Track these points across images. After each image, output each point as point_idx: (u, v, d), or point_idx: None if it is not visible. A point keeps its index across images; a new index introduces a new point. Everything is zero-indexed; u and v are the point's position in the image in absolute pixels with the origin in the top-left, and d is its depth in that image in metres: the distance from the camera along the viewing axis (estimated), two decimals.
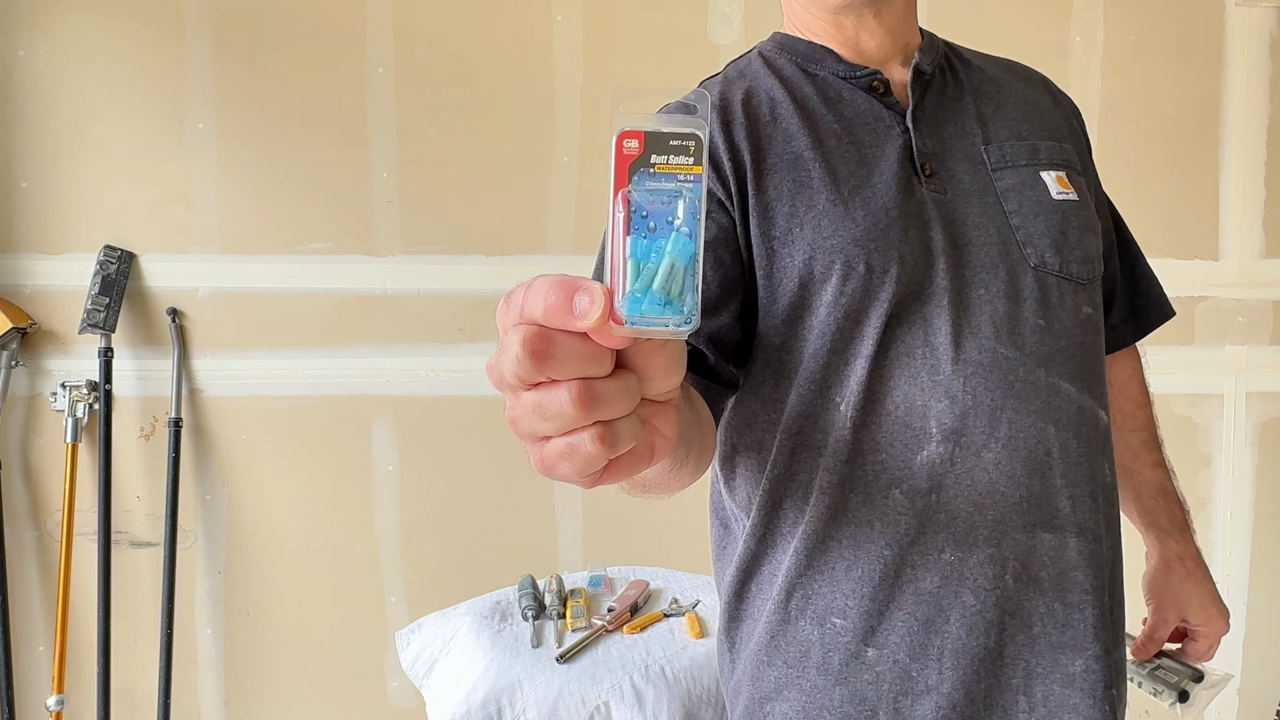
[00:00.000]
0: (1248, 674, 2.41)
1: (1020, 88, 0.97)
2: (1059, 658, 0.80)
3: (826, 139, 0.86)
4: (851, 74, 0.90)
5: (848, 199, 0.83)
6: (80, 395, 2.22)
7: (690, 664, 1.23)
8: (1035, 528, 0.80)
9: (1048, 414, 0.80)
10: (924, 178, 0.86)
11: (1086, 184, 0.94)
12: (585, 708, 1.17)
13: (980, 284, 0.82)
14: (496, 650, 1.28)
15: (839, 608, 0.81)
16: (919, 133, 0.87)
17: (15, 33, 2.18)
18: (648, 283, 0.42)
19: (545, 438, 0.47)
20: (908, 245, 0.82)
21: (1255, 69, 2.29)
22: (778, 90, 0.90)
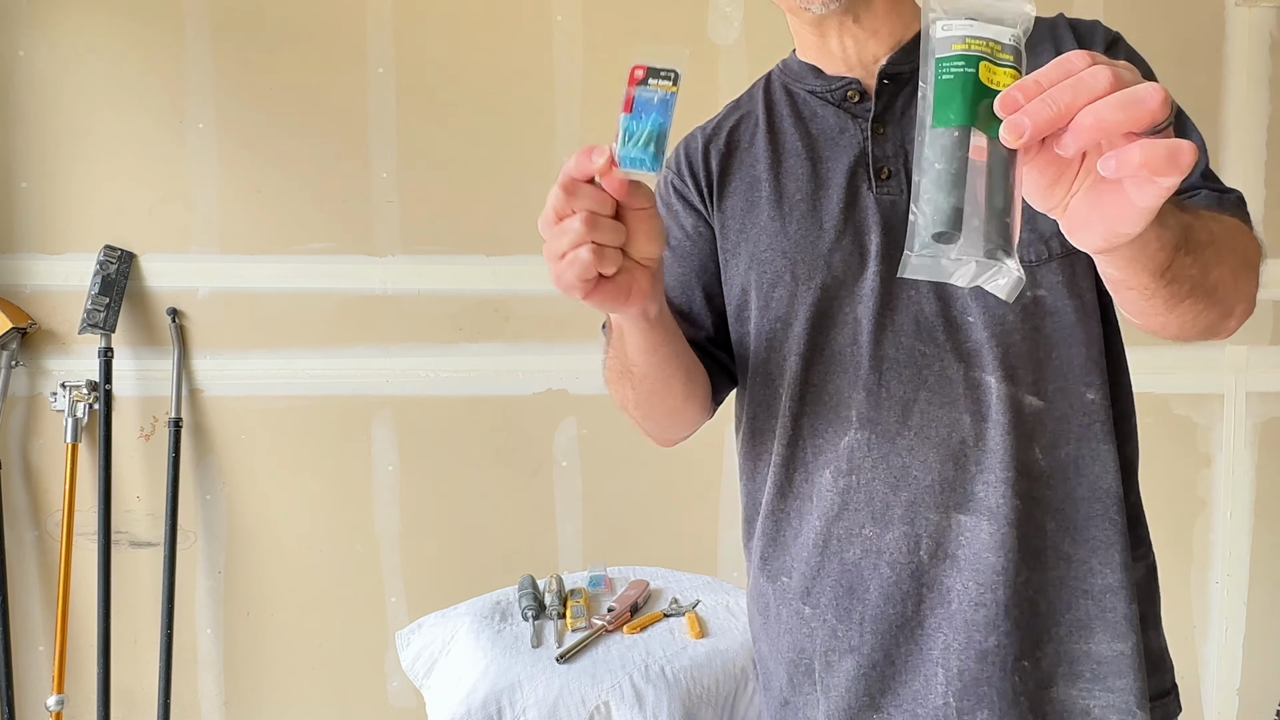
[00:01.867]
0: (1248, 674, 2.41)
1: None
2: (973, 634, 0.85)
3: (786, 158, 0.96)
4: (827, 88, 0.97)
5: (786, 215, 0.94)
6: (80, 395, 2.22)
7: (690, 664, 1.23)
8: (949, 509, 0.86)
9: (964, 405, 0.87)
10: (880, 181, 0.92)
11: None
12: (585, 708, 1.17)
13: (910, 285, 0.89)
14: (496, 650, 1.28)
15: (787, 569, 0.94)
16: (878, 138, 0.93)
17: (15, 33, 2.18)
18: (635, 143, 0.67)
19: (562, 255, 0.71)
20: (838, 253, 0.91)
21: (1255, 69, 2.29)
22: (761, 115, 1.01)
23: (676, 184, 1.04)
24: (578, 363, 2.29)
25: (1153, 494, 2.50)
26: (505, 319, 2.28)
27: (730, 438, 1.04)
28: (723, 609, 1.40)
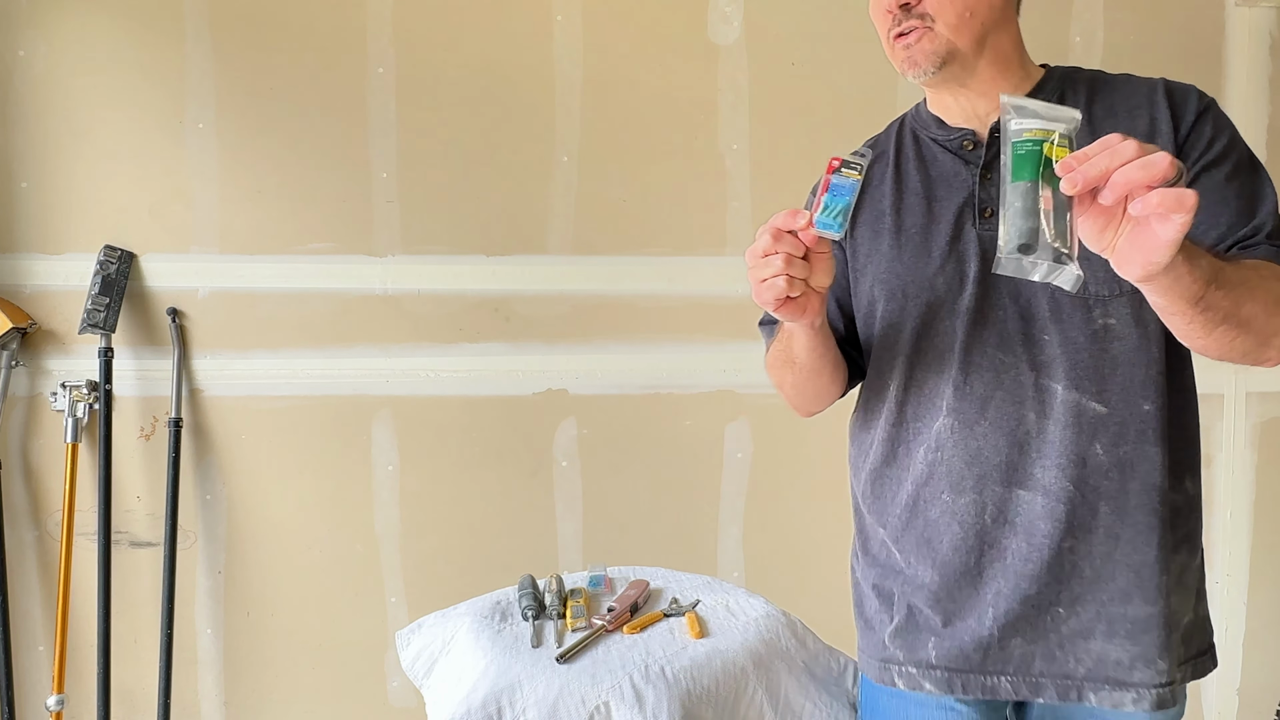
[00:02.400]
0: (1247, 674, 2.41)
1: (1109, 119, 1.11)
2: (1020, 583, 1.09)
3: (907, 196, 1.18)
4: (946, 137, 1.18)
5: (903, 245, 1.16)
6: (80, 395, 2.22)
7: (690, 664, 1.23)
8: (1011, 485, 1.09)
9: (1030, 404, 1.09)
10: (982, 219, 1.13)
11: None
12: (585, 707, 1.17)
13: (999, 306, 1.10)
14: (496, 650, 1.28)
15: (884, 520, 1.19)
16: (985, 182, 1.13)
17: (15, 33, 2.18)
18: (830, 214, 0.96)
19: (763, 280, 0.99)
20: (941, 277, 1.13)
21: (1255, 69, 2.29)
22: (893, 155, 1.23)
23: None
24: (578, 363, 2.29)
25: None
26: (505, 319, 2.28)
27: (728, 437, 1.12)
28: (723, 609, 1.40)
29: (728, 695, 1.23)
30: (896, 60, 1.13)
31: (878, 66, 2.27)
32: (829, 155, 1.87)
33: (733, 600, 1.43)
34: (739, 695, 1.24)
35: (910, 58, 1.10)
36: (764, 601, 1.44)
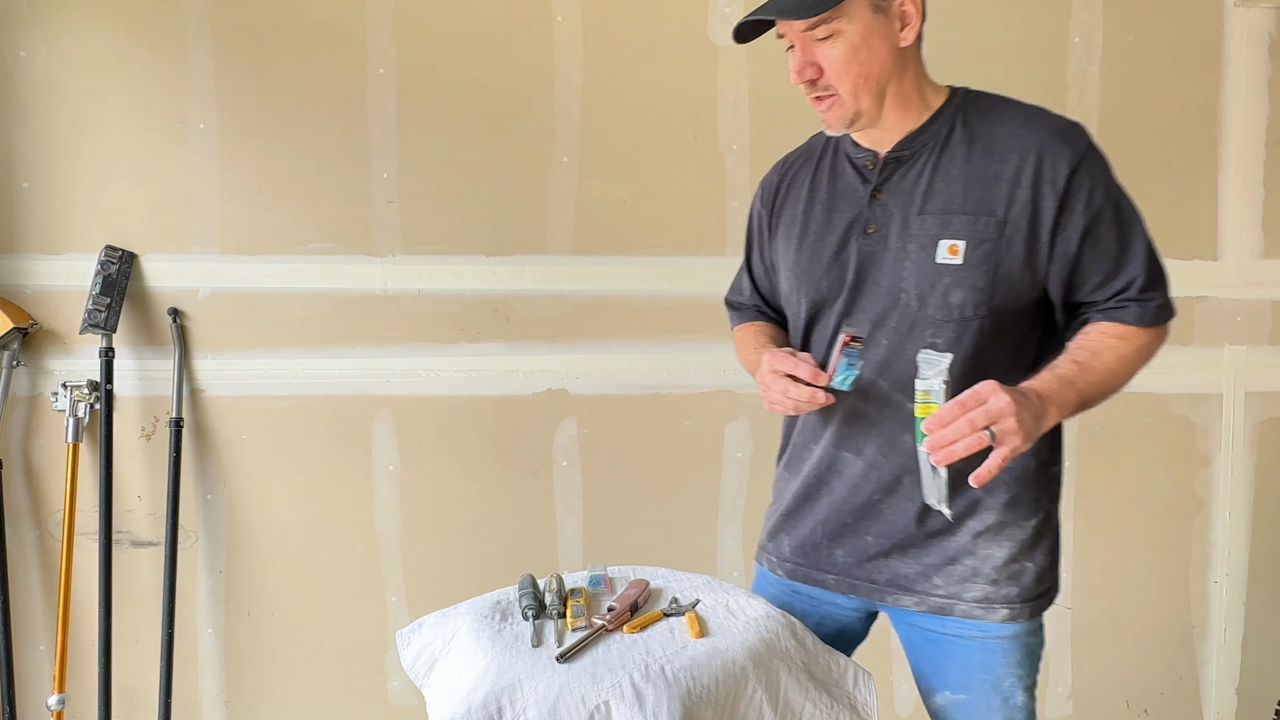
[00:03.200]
0: (1247, 673, 2.41)
1: (990, 159, 1.28)
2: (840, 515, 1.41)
3: (814, 204, 1.40)
4: (856, 155, 1.36)
5: (804, 247, 1.39)
6: (81, 395, 2.22)
7: (690, 663, 1.24)
8: (842, 449, 1.39)
9: (869, 394, 1.33)
10: (864, 235, 1.33)
11: (995, 247, 1.25)
12: (585, 707, 1.17)
13: (864, 310, 1.33)
14: (497, 650, 1.28)
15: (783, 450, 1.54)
16: (874, 202, 1.33)
17: (16, 33, 2.18)
18: (842, 377, 1.23)
19: (773, 403, 1.29)
20: (826, 280, 1.36)
21: (1254, 70, 2.29)
22: (814, 164, 1.43)
23: (758, 211, 1.52)
24: (578, 363, 2.29)
25: (1152, 493, 2.51)
26: (505, 319, 2.28)
27: (728, 437, 1.18)
28: (722, 608, 1.40)
29: (727, 695, 1.23)
30: (820, 118, 1.33)
31: None
32: None
33: (733, 600, 1.43)
34: (739, 695, 1.24)
35: (826, 120, 1.31)
36: (764, 602, 1.44)
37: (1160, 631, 2.41)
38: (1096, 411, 2.34)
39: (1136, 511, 2.38)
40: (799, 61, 1.26)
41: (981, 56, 2.28)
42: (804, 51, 1.26)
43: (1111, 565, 2.39)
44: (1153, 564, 2.39)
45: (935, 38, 2.26)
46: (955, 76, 2.27)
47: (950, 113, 1.32)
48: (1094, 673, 2.42)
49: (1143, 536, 2.39)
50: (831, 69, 1.25)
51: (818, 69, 1.26)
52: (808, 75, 1.26)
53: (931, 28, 1.36)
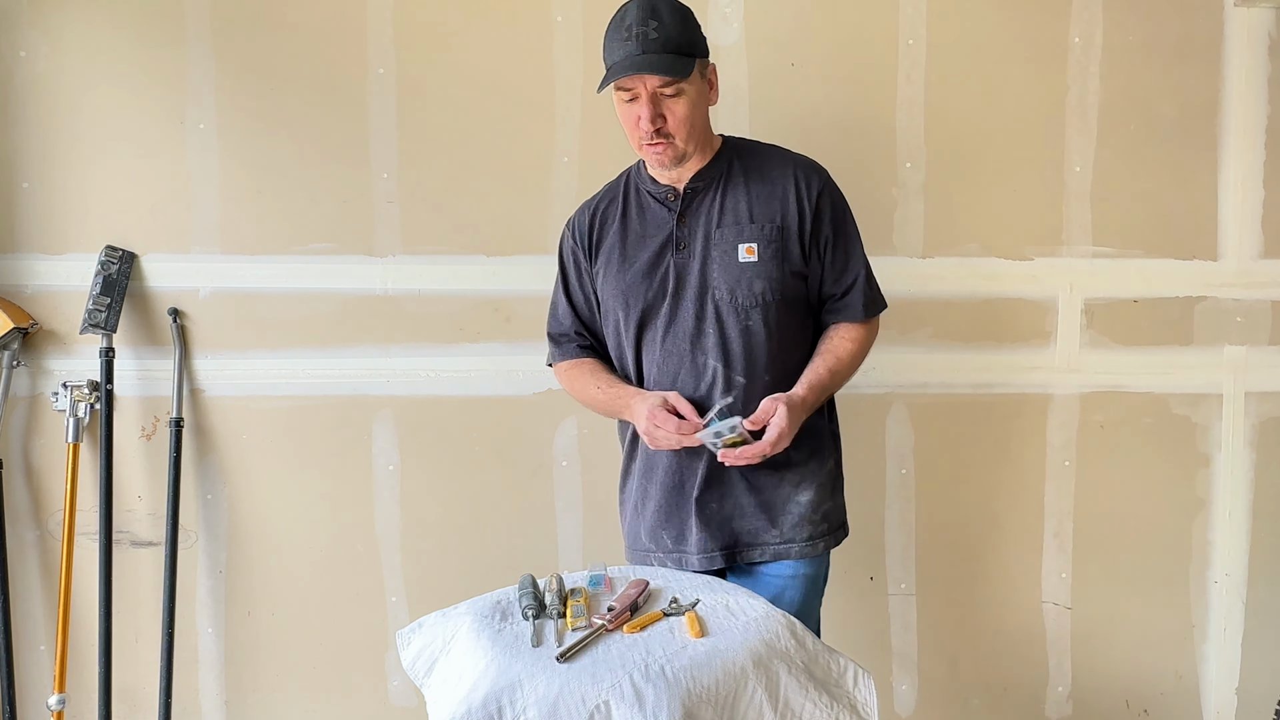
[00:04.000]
0: (1246, 672, 2.41)
1: (764, 183, 1.70)
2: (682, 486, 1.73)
3: (629, 234, 1.73)
4: (657, 191, 1.72)
5: (624, 269, 1.71)
6: (81, 395, 2.22)
7: (690, 663, 1.24)
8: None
9: (701, 376, 1.66)
10: (676, 251, 1.68)
11: (782, 246, 1.67)
12: (585, 707, 1.17)
13: (684, 310, 1.67)
14: (497, 649, 1.28)
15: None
16: (679, 225, 1.69)
17: (16, 33, 2.19)
18: (710, 433, 1.57)
19: (656, 440, 1.63)
20: (650, 290, 1.69)
21: (1254, 69, 2.29)
22: (620, 203, 1.76)
23: (572, 245, 1.79)
24: None
25: (1152, 493, 2.51)
26: (505, 319, 2.28)
27: None
28: (722, 608, 1.40)
29: (727, 694, 1.23)
30: (646, 156, 1.65)
31: (877, 66, 2.28)
32: (829, 155, 1.94)
33: (732, 600, 1.43)
34: (738, 694, 1.24)
35: (659, 160, 1.63)
36: (764, 601, 1.44)
37: (1160, 631, 2.41)
38: (1096, 411, 2.36)
39: (1136, 511, 2.38)
40: (650, 112, 1.57)
41: (981, 56, 2.28)
42: (653, 105, 1.57)
43: (1111, 565, 2.39)
44: (1153, 563, 2.39)
45: (936, 38, 2.27)
46: (955, 76, 2.28)
47: (727, 153, 1.72)
48: (1094, 673, 2.42)
49: (1143, 536, 2.39)
50: (674, 120, 1.59)
51: (663, 119, 1.58)
52: (658, 124, 1.58)
53: (933, 32, 1.36)
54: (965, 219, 2.31)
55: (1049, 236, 2.31)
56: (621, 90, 1.59)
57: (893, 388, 2.33)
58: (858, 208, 1.79)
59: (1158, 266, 2.33)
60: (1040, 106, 2.29)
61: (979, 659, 2.41)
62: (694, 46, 1.61)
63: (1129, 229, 2.31)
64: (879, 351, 2.30)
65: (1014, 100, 2.29)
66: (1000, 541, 2.39)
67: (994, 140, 2.29)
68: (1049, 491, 2.37)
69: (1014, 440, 2.36)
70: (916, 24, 2.26)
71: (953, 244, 2.31)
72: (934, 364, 2.33)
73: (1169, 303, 2.34)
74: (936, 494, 2.37)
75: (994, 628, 2.40)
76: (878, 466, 2.36)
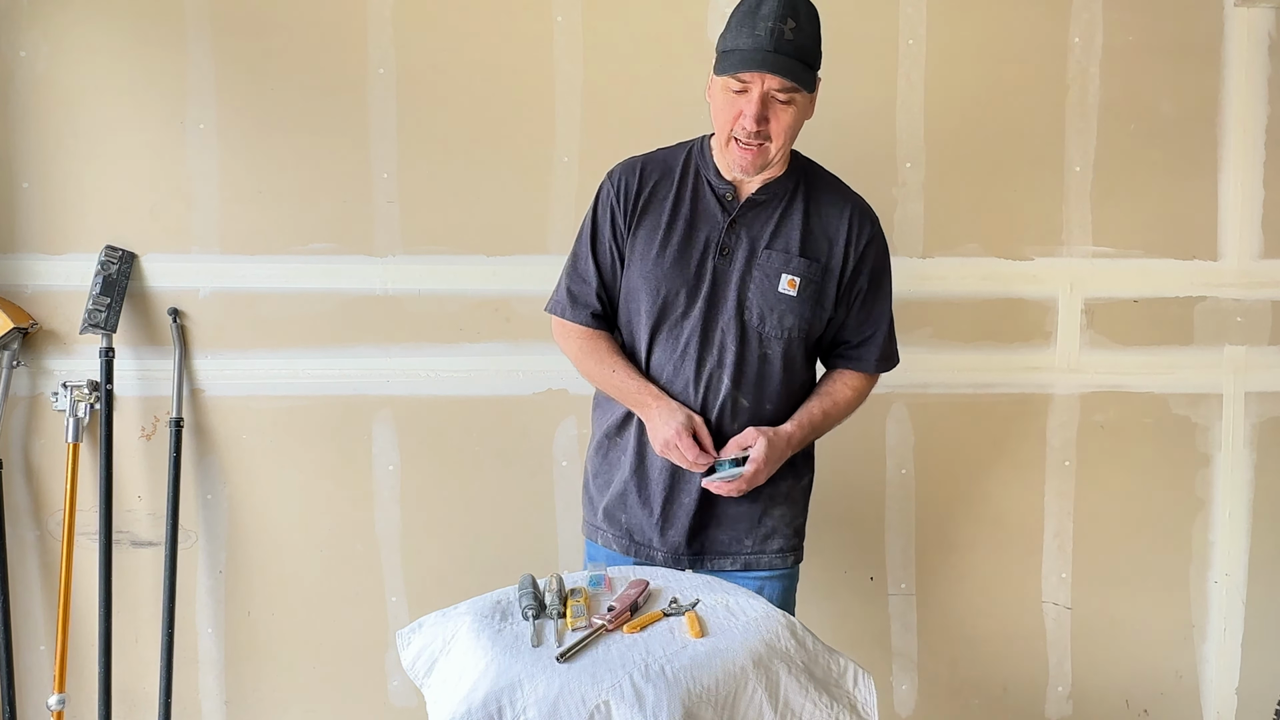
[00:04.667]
0: (1246, 673, 2.41)
1: (820, 218, 1.66)
2: (681, 499, 1.69)
3: (678, 218, 1.64)
4: (718, 183, 1.64)
5: (663, 253, 1.63)
6: (81, 395, 2.22)
7: (690, 663, 1.24)
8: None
9: (713, 391, 1.64)
10: (720, 255, 1.62)
11: (821, 287, 1.65)
12: (585, 706, 1.17)
13: (711, 320, 1.63)
14: (497, 649, 1.28)
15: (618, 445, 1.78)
16: (729, 231, 1.63)
17: (16, 33, 2.19)
18: (716, 475, 1.61)
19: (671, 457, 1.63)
20: (686, 285, 1.62)
21: (1254, 69, 2.29)
22: (678, 179, 1.66)
23: (614, 203, 1.66)
24: None
25: (1152, 493, 2.50)
26: (505, 319, 2.28)
27: None
28: (722, 608, 1.40)
29: (727, 694, 1.23)
30: (731, 156, 1.57)
31: (877, 66, 2.28)
32: (829, 155, 1.95)
33: (732, 600, 1.43)
34: (739, 694, 1.24)
35: (744, 165, 1.56)
36: (764, 602, 1.44)
37: (1160, 631, 2.41)
38: (1096, 412, 2.36)
39: (1136, 511, 2.38)
40: (757, 111, 1.50)
41: (982, 56, 2.28)
42: (762, 105, 1.50)
43: (1111, 565, 2.39)
44: (1152, 563, 2.39)
45: (936, 38, 2.27)
46: (956, 77, 2.28)
47: (796, 173, 1.66)
48: (1094, 673, 2.42)
49: (1143, 536, 2.39)
50: (778, 125, 1.52)
51: (766, 122, 1.51)
52: (761, 125, 1.51)
53: (933, 30, 1.37)
54: (965, 219, 2.31)
55: (1049, 236, 2.31)
56: (734, 80, 1.50)
57: (893, 388, 2.33)
58: None
59: (1158, 266, 2.33)
60: (1040, 106, 2.29)
61: (979, 659, 2.41)
62: (819, 58, 1.56)
63: (1129, 229, 2.31)
64: None
65: (1014, 100, 2.29)
66: (1000, 541, 2.39)
67: (994, 140, 2.29)
68: (1049, 491, 2.37)
69: (1014, 440, 2.36)
70: (916, 24, 2.26)
71: (953, 244, 2.31)
72: (934, 364, 2.33)
73: (1169, 303, 2.34)
74: (936, 494, 2.37)
75: (994, 628, 2.40)
76: (878, 466, 2.36)
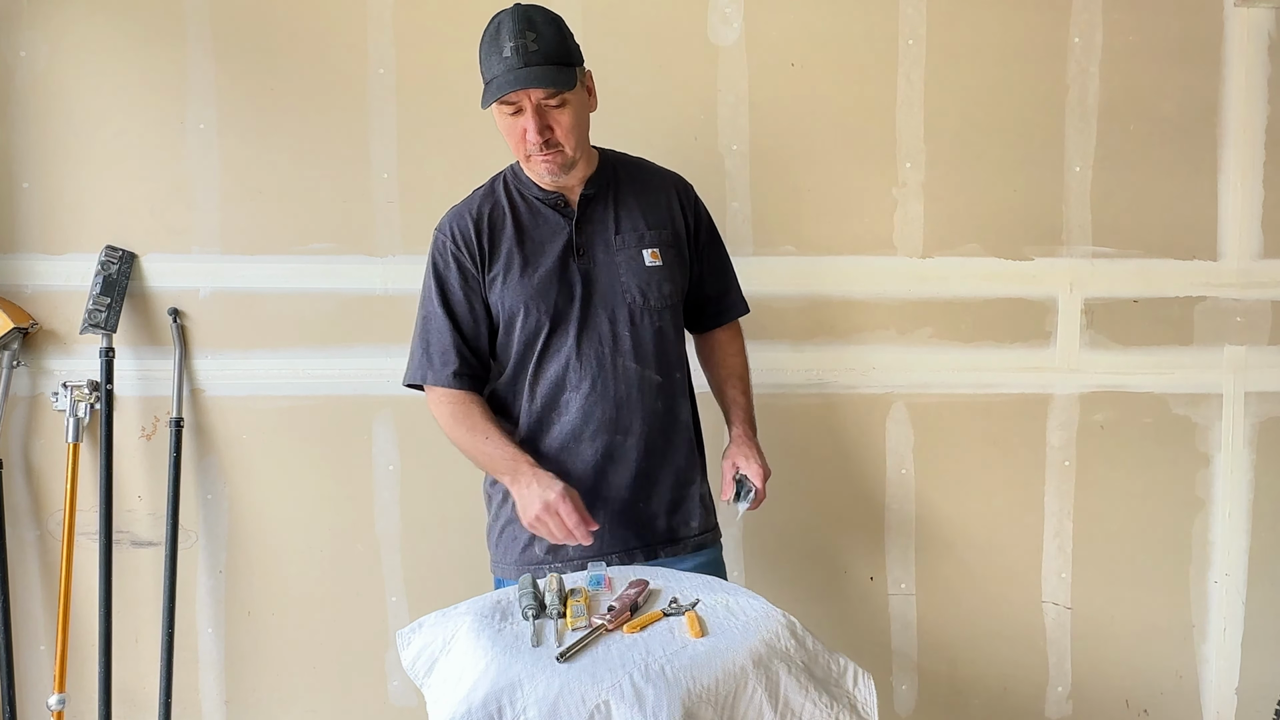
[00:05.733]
0: (1246, 673, 2.41)
1: (649, 193, 1.77)
2: (623, 491, 1.72)
3: (526, 239, 1.69)
4: (546, 197, 1.70)
5: (527, 275, 1.67)
6: (82, 395, 2.22)
7: (690, 663, 1.24)
8: (616, 433, 1.69)
9: (625, 379, 1.69)
10: (578, 257, 1.68)
11: (678, 251, 1.76)
12: (585, 706, 1.17)
13: (597, 316, 1.68)
14: (497, 649, 1.28)
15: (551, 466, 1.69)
16: (577, 231, 1.69)
17: (16, 33, 2.19)
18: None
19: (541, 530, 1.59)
20: (560, 296, 1.67)
21: (1254, 69, 2.29)
22: (507, 208, 1.71)
23: (456, 253, 1.69)
24: None
25: (1152, 493, 2.50)
26: None
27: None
28: (722, 608, 1.41)
29: (727, 694, 1.23)
30: (537, 169, 1.64)
31: (877, 66, 2.28)
32: (829, 155, 1.95)
33: (732, 600, 1.43)
34: (738, 694, 1.24)
35: (549, 169, 1.62)
36: (764, 601, 1.44)
37: (1160, 631, 2.41)
38: (1096, 411, 2.36)
39: (1136, 511, 2.38)
40: (538, 124, 1.57)
41: (981, 56, 2.28)
42: (539, 117, 1.57)
43: (1111, 565, 2.39)
44: (1152, 563, 2.39)
45: (936, 38, 2.27)
46: (956, 77, 2.28)
47: (608, 164, 1.76)
48: (1094, 673, 2.42)
49: (1143, 536, 2.39)
50: (561, 129, 1.59)
51: (550, 130, 1.59)
52: (546, 135, 1.58)
53: (932, 31, 1.36)
54: (965, 219, 2.31)
55: (1049, 236, 2.31)
56: (504, 105, 1.59)
57: (893, 388, 2.33)
58: (858, 208, 1.78)
59: (1158, 266, 2.33)
60: (1040, 106, 2.29)
61: (979, 659, 2.41)
62: (572, 55, 1.63)
63: (1129, 229, 2.31)
64: (879, 351, 2.32)
65: (1014, 100, 2.29)
66: (1000, 541, 2.39)
67: (994, 140, 2.29)
68: (1049, 491, 2.37)
69: (1014, 440, 2.36)
70: (916, 24, 2.26)
71: (953, 244, 2.31)
72: (934, 364, 2.33)
73: (1169, 303, 2.34)
74: (936, 494, 2.37)
75: (994, 628, 2.40)
76: (878, 466, 2.36)
